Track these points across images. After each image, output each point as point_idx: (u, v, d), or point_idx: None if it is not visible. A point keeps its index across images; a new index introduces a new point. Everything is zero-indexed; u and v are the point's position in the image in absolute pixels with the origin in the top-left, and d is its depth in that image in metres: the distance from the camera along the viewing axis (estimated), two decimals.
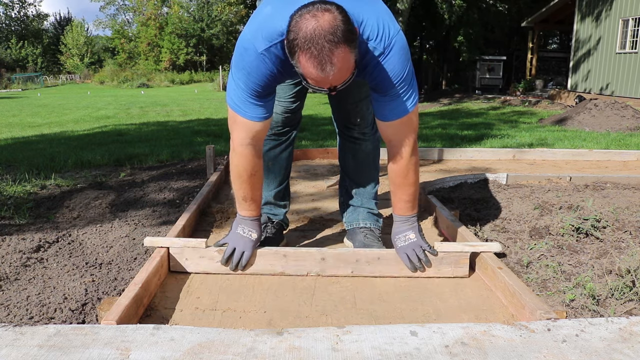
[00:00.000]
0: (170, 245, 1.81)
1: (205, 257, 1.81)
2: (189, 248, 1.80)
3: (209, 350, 1.13)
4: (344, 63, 1.39)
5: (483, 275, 1.80)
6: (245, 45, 1.57)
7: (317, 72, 1.38)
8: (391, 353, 1.13)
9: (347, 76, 1.44)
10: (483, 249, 1.82)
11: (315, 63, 1.37)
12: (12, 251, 2.05)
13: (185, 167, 3.98)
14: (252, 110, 1.66)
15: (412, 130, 1.73)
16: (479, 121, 8.70)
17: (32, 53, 44.35)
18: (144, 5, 44.26)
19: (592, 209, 2.36)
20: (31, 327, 1.22)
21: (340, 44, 1.36)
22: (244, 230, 1.83)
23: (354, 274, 1.81)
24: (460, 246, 1.81)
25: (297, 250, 1.82)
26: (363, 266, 1.81)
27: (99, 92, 25.08)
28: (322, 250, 1.81)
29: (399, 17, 13.32)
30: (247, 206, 1.83)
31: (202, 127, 7.53)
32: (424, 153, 4.24)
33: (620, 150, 4.40)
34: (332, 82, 1.42)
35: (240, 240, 1.82)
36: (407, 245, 1.81)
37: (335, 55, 1.36)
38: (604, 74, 13.23)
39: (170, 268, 1.81)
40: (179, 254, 1.81)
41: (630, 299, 1.62)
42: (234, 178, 1.80)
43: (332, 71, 1.38)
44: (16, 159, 4.34)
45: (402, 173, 1.78)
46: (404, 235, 1.82)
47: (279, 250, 1.82)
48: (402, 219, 1.85)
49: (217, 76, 28.27)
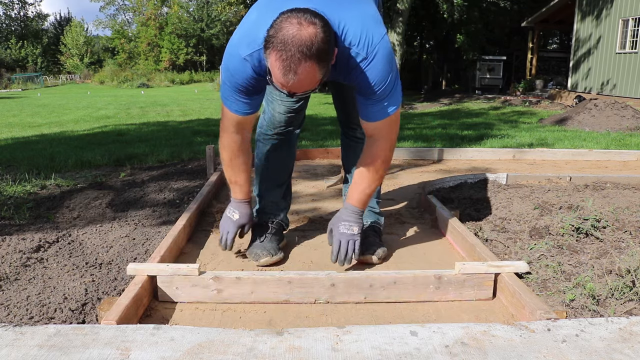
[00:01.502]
0: (157, 274, 1.63)
1: (199, 285, 1.63)
2: (180, 276, 1.62)
3: (209, 350, 1.13)
4: (306, 76, 1.44)
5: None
6: (230, 51, 1.68)
7: (280, 75, 1.44)
8: (391, 353, 1.13)
9: (307, 88, 1.50)
10: (508, 270, 1.66)
11: (281, 66, 1.42)
12: (12, 251, 2.05)
13: (185, 167, 3.98)
14: (236, 105, 1.77)
15: (392, 131, 1.79)
16: (479, 121, 8.70)
17: (32, 53, 44.35)
18: (144, 5, 44.26)
19: (592, 209, 2.36)
20: (31, 327, 1.22)
21: (309, 59, 1.41)
22: (229, 211, 1.96)
23: (367, 300, 1.66)
24: (484, 267, 1.67)
25: (303, 275, 1.65)
26: (377, 291, 1.65)
27: (99, 92, 25.09)
28: (331, 275, 1.64)
29: (399, 17, 13.31)
30: (236, 189, 1.95)
31: (202, 127, 7.53)
32: (424, 153, 4.24)
33: (620, 150, 4.40)
34: (290, 89, 1.48)
35: (225, 222, 1.95)
36: (347, 235, 1.80)
37: (301, 67, 1.41)
38: (604, 73, 13.23)
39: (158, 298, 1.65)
40: (167, 282, 1.63)
41: (630, 299, 1.62)
42: (223, 162, 1.94)
43: (293, 80, 1.43)
44: (16, 159, 4.34)
45: (373, 168, 1.81)
46: (349, 225, 1.82)
47: (282, 276, 1.64)
48: (354, 209, 1.84)
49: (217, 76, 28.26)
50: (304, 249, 2.12)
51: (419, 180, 3.35)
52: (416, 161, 4.15)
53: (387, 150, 1.81)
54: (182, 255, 2.04)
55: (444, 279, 1.66)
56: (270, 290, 1.64)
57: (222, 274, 1.64)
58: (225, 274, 1.64)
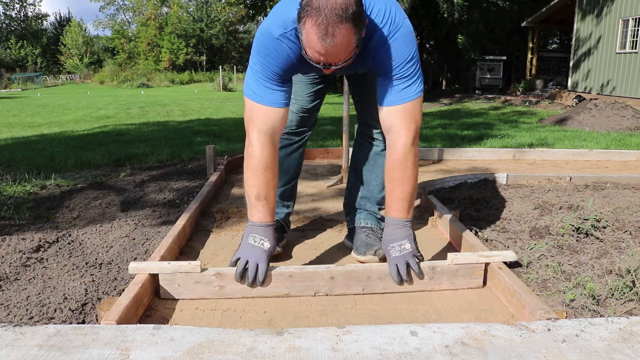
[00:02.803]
0: (159, 272, 1.63)
1: (201, 282, 1.64)
2: (182, 274, 1.62)
3: (209, 350, 1.13)
4: (343, 39, 1.42)
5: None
6: (262, 31, 1.64)
7: (317, 41, 1.42)
8: (391, 353, 1.13)
9: (344, 56, 1.47)
10: (498, 259, 1.73)
11: (318, 31, 1.41)
12: (12, 251, 2.05)
13: (185, 167, 3.98)
14: (269, 95, 1.66)
15: (413, 120, 1.68)
16: (479, 121, 8.70)
17: (31, 53, 44.35)
18: (144, 5, 44.27)
19: (592, 209, 2.36)
20: (31, 327, 1.22)
21: (346, 22, 1.40)
22: (255, 239, 1.67)
23: (365, 291, 1.69)
24: (475, 257, 1.73)
25: (304, 269, 1.67)
26: (375, 283, 1.69)
27: (98, 92, 25.08)
28: (330, 269, 1.67)
29: None
30: (260, 207, 1.69)
31: (202, 127, 7.53)
32: (424, 153, 4.24)
33: (620, 150, 4.40)
34: (326, 56, 1.46)
35: (252, 251, 1.65)
36: (401, 257, 1.69)
37: (338, 30, 1.40)
38: (604, 73, 13.23)
39: (160, 296, 1.65)
40: (169, 280, 1.63)
41: (630, 299, 1.62)
42: (248, 173, 1.70)
43: (331, 43, 1.42)
44: (16, 159, 4.34)
45: (400, 166, 1.68)
46: (400, 245, 1.69)
47: (283, 270, 1.66)
48: (397, 223, 1.72)
49: (217, 76, 28.27)
50: (304, 248, 2.12)
51: (419, 180, 3.34)
52: None
53: (410, 143, 1.68)
54: (182, 255, 2.04)
55: (438, 269, 1.70)
56: (272, 284, 1.65)
57: (224, 270, 1.65)
58: (227, 270, 1.65)
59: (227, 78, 25.82)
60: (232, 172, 3.60)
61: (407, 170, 1.69)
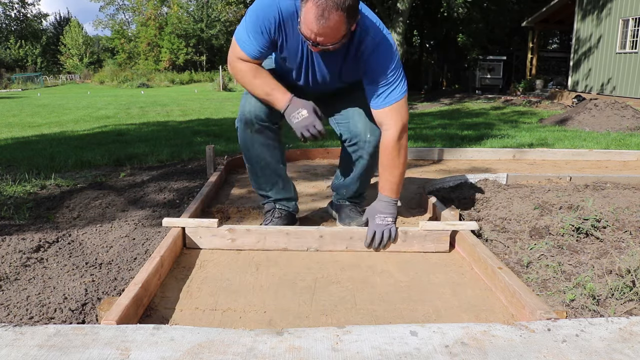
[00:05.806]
0: (185, 225, 2.01)
1: (217, 235, 2.02)
2: (203, 227, 2.01)
3: (209, 350, 1.13)
4: (334, 24, 1.68)
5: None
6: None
7: (313, 19, 1.67)
8: (391, 353, 1.13)
9: (332, 39, 1.73)
10: (462, 228, 2.04)
11: (316, 12, 1.66)
12: (12, 251, 2.05)
13: (185, 167, 3.98)
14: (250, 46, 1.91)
15: (400, 117, 1.98)
16: (479, 121, 8.70)
17: (31, 53, 44.35)
18: (144, 5, 44.27)
19: (592, 209, 2.36)
20: (31, 327, 1.22)
21: (341, 10, 1.66)
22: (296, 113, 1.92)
23: (348, 249, 2.03)
24: (442, 225, 2.04)
25: (298, 228, 2.05)
26: (356, 243, 2.03)
27: (98, 92, 25.09)
28: (320, 229, 2.04)
29: (399, 17, 13.33)
30: (274, 96, 1.95)
31: (202, 127, 7.53)
32: (424, 153, 4.24)
33: (620, 150, 4.40)
34: (317, 34, 1.71)
35: (301, 121, 1.92)
36: (383, 225, 2.01)
37: (333, 15, 1.66)
38: (604, 73, 13.24)
39: (185, 245, 2.02)
40: (193, 232, 2.02)
41: (630, 299, 1.62)
42: (246, 84, 1.99)
43: (324, 24, 1.67)
44: (16, 159, 4.34)
45: (391, 154, 1.98)
46: (384, 217, 2.02)
47: (282, 229, 2.03)
48: (388, 200, 2.04)
49: (217, 76, 28.26)
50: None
51: (419, 180, 3.35)
52: (416, 161, 4.15)
53: (397, 136, 1.98)
54: (182, 255, 2.03)
55: (409, 233, 2.04)
56: (273, 239, 2.02)
57: (236, 226, 2.03)
58: (238, 226, 2.04)
59: (227, 78, 25.79)
60: (232, 172, 3.60)
61: (397, 158, 2.00)
